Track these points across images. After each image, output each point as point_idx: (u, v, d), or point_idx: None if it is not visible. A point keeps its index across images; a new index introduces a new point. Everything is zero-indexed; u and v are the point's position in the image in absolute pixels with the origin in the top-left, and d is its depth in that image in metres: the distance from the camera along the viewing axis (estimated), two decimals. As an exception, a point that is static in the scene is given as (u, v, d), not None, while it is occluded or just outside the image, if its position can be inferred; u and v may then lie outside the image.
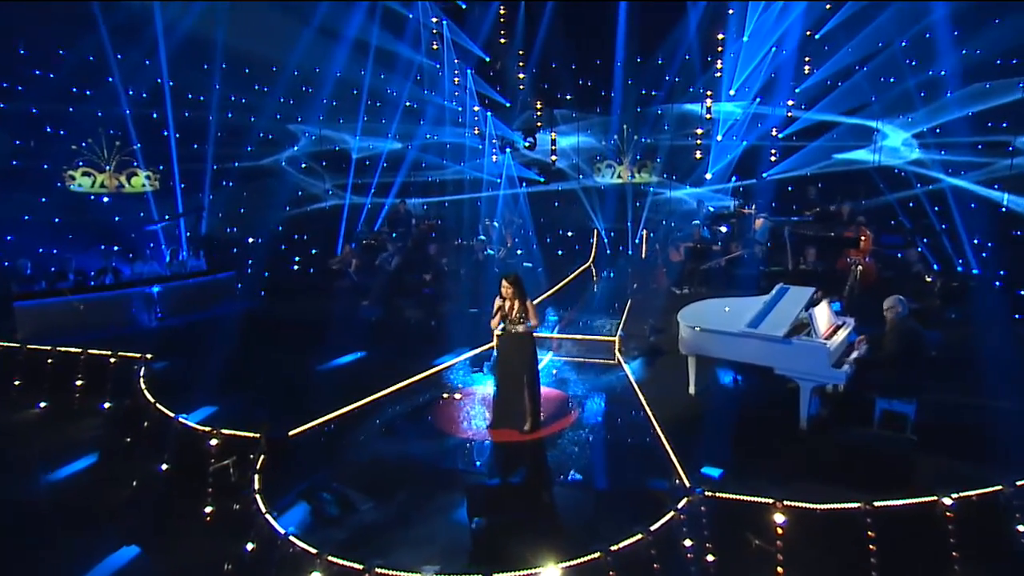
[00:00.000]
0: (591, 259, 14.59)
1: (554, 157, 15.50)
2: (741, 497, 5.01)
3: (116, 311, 10.13)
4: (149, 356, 8.24)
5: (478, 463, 6.29)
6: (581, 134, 15.74)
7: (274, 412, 6.77)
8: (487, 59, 14.52)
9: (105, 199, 13.39)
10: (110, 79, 12.61)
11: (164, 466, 6.23)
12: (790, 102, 13.44)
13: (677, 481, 5.43)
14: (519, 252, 12.81)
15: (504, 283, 6.39)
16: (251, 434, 6.20)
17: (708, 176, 14.32)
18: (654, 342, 8.99)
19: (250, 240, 14.62)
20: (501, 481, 5.98)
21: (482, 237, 11.04)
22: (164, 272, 11.19)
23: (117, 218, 13.28)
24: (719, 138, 14.31)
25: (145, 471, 6.26)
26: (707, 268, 10.40)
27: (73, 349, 8.34)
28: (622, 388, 7.80)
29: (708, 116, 13.85)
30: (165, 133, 13.58)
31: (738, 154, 14.05)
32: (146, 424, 6.89)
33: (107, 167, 13.30)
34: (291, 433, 6.45)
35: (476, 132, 15.12)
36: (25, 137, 12.27)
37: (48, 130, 12.50)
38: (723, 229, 11.48)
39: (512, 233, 12.88)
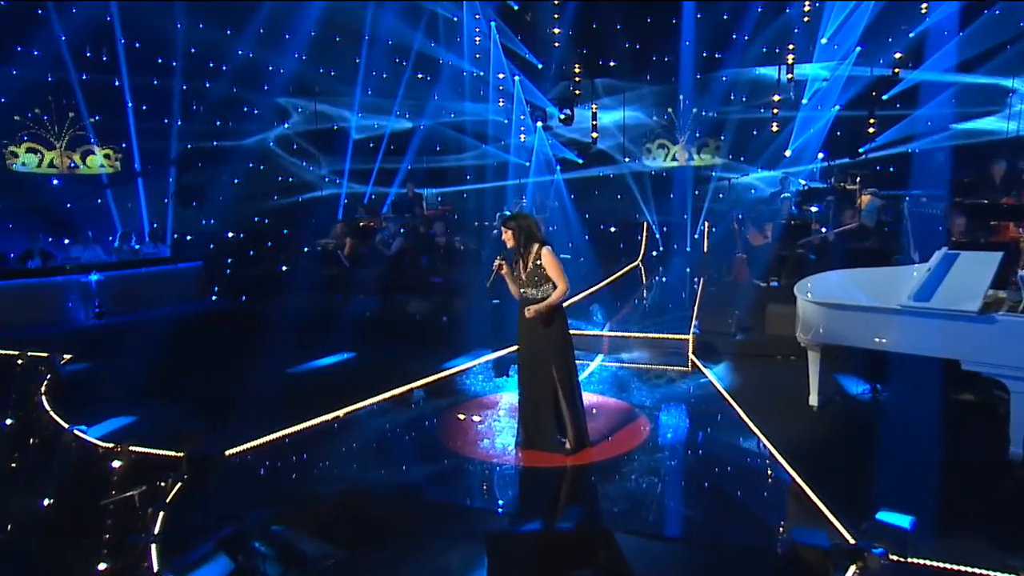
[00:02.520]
0: (640, 257, 12.98)
1: (595, 135, 13.94)
2: (958, 568, 3.17)
3: (43, 304, 8.78)
4: (67, 357, 7.11)
5: (502, 500, 4.51)
6: (628, 108, 14.20)
7: (214, 424, 5.49)
8: (515, 6, 13.10)
9: (55, 181, 12.18)
10: (62, 37, 11.50)
11: (47, 500, 4.63)
12: (897, 55, 11.66)
13: (834, 535, 3.60)
14: (552, 228, 11.21)
15: (504, 230, 4.75)
16: (171, 453, 4.63)
17: (788, 154, 12.56)
18: (741, 342, 7.25)
19: (229, 235, 13.27)
20: (539, 526, 4.17)
21: (507, 212, 9.45)
22: (108, 258, 9.79)
23: (68, 205, 12.08)
24: (804, 101, 12.58)
25: (26, 507, 4.65)
26: (802, 252, 8.58)
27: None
28: (706, 399, 6.14)
29: (790, 77, 12.16)
30: (131, 104, 12.43)
31: (827, 126, 12.30)
32: (36, 441, 5.38)
33: (58, 143, 12.11)
34: (228, 452, 4.81)
35: (501, 104, 13.64)
36: None
37: (-12, 97, 11.37)
38: (814, 209, 9.68)
39: (545, 220, 11.28)
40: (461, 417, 5.78)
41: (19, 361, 6.87)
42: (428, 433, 5.48)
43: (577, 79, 13.45)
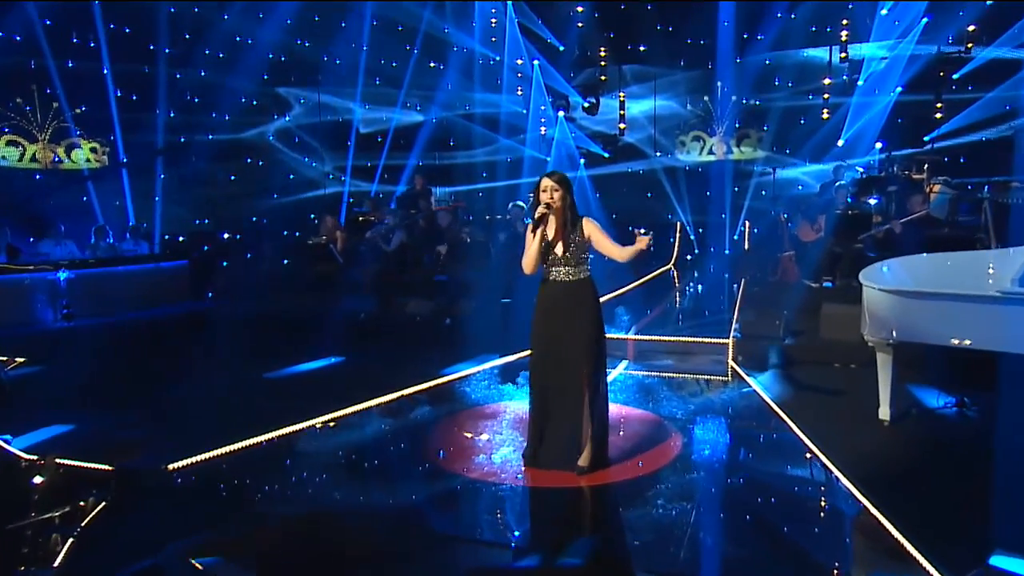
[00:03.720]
0: (672, 260, 12.28)
1: (622, 126, 13.30)
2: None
3: (7, 304, 8.32)
4: (19, 360, 6.86)
5: (497, 527, 3.81)
6: (659, 96, 13.55)
7: (164, 434, 4.95)
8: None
9: (37, 176, 11.90)
10: (47, 21, 11.27)
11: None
12: (971, 28, 10.79)
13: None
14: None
15: (544, 183, 4.06)
16: (102, 466, 4.14)
17: (840, 143, 11.76)
18: (791, 347, 6.51)
19: (226, 236, 12.87)
20: (539, 561, 3.46)
21: (520, 203, 8.82)
22: (80, 255, 9.38)
23: (52, 202, 11.78)
24: (860, 83, 11.78)
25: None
26: (861, 247, 7.78)
27: None
28: (751, 411, 5.44)
29: (844, 56, 11.38)
30: (119, 94, 12.16)
31: (885, 112, 11.49)
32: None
33: (40, 136, 11.84)
34: (171, 466, 4.20)
35: (520, 93, 13.09)
36: None
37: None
38: (873, 201, 8.87)
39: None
40: (455, 429, 5.12)
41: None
42: (414, 447, 4.82)
43: (603, 64, 12.84)
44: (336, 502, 3.98)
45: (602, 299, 4.36)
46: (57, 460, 4.31)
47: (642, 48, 13.41)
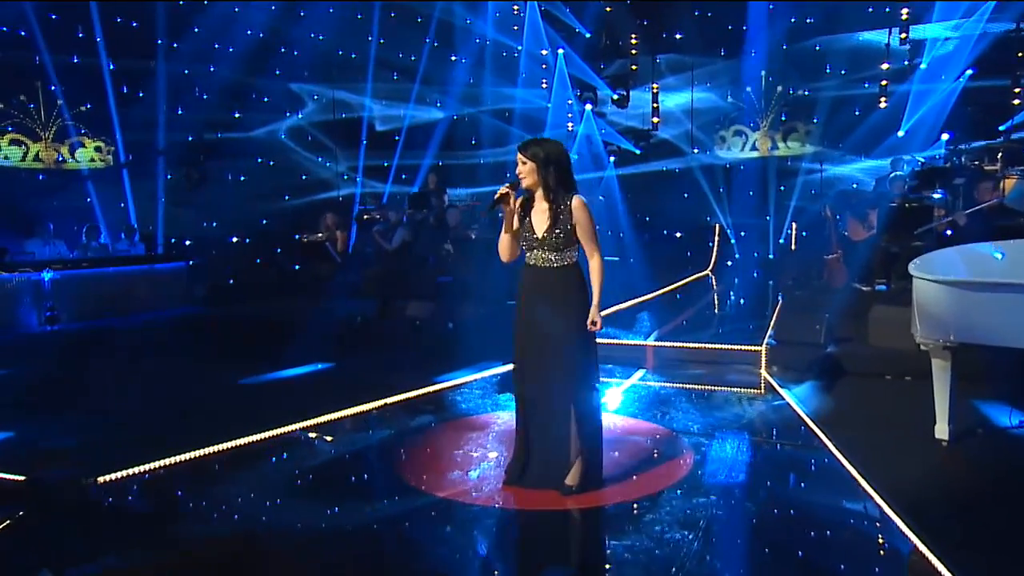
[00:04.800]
0: (711, 265, 11.70)
1: (655, 120, 12.78)
2: None
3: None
4: None
5: (465, 554, 3.36)
6: (697, 88, 13.02)
7: (107, 443, 4.62)
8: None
9: (40, 176, 12.00)
10: (53, 16, 11.40)
11: None
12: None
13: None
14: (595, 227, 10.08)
15: (520, 160, 3.62)
16: (14, 476, 3.94)
17: (900, 135, 11.02)
18: (834, 356, 5.93)
19: (234, 239, 12.81)
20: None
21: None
22: (69, 255, 9.32)
23: (55, 203, 11.85)
24: (923, 66, 11.04)
25: None
26: (920, 244, 7.11)
27: None
28: (782, 427, 4.94)
29: (904, 37, 10.68)
30: (125, 90, 12.22)
31: (951, 99, 10.73)
32: None
33: (44, 134, 11.94)
34: (100, 479, 3.88)
35: (544, 86, 12.72)
36: None
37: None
38: (937, 195, 8.17)
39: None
40: (435, 442, 4.71)
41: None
42: (381, 462, 4.40)
43: (634, 53, 12.38)
44: (272, 524, 3.58)
45: (627, 304, 3.90)
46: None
47: (678, 36, 12.90)
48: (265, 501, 3.85)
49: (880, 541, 3.32)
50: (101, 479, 3.95)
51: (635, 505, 3.64)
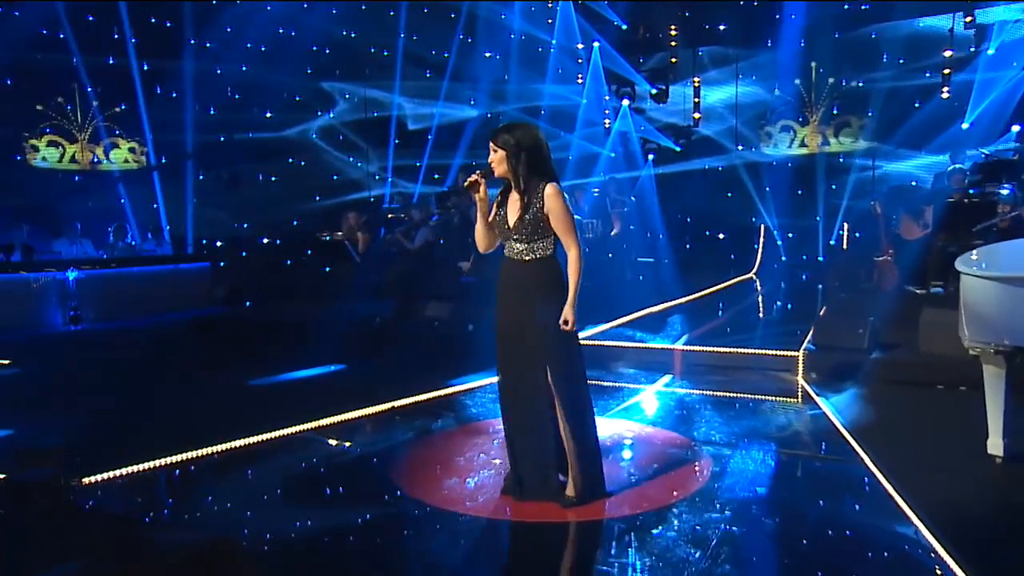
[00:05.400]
0: (755, 268, 11.31)
1: (696, 116, 12.44)
2: None
3: (12, 304, 8.47)
4: (3, 361, 6.83)
5: (453, 569, 3.18)
6: (742, 82, 12.64)
7: (99, 444, 4.60)
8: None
9: (76, 178, 12.34)
10: (90, 17, 11.72)
11: None
12: None
13: None
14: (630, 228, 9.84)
15: (492, 148, 3.44)
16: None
17: (965, 127, 10.45)
18: (879, 363, 5.59)
19: (265, 240, 12.94)
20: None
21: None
22: (94, 254, 9.51)
23: (90, 203, 12.17)
24: (990, 51, 10.45)
25: None
26: (981, 242, 6.66)
27: None
28: (816, 438, 4.68)
29: (969, 19, 10.13)
30: (159, 90, 12.49)
31: (1021, 88, 10.13)
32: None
33: (80, 136, 12.28)
34: (85, 481, 3.88)
35: (580, 81, 12.51)
36: None
37: (9, 83, 11.67)
38: (1004, 191, 7.66)
39: (621, 215, 9.92)
40: (436, 448, 4.58)
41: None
42: (376, 468, 4.25)
43: (673, 44, 12.08)
44: (251, 529, 3.47)
45: (660, 307, 3.70)
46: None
47: (721, 27, 12.55)
48: (250, 504, 3.74)
49: (917, 571, 3.01)
50: (86, 480, 3.91)
51: (640, 519, 3.41)
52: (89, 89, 12.12)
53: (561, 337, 3.44)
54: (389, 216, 10.04)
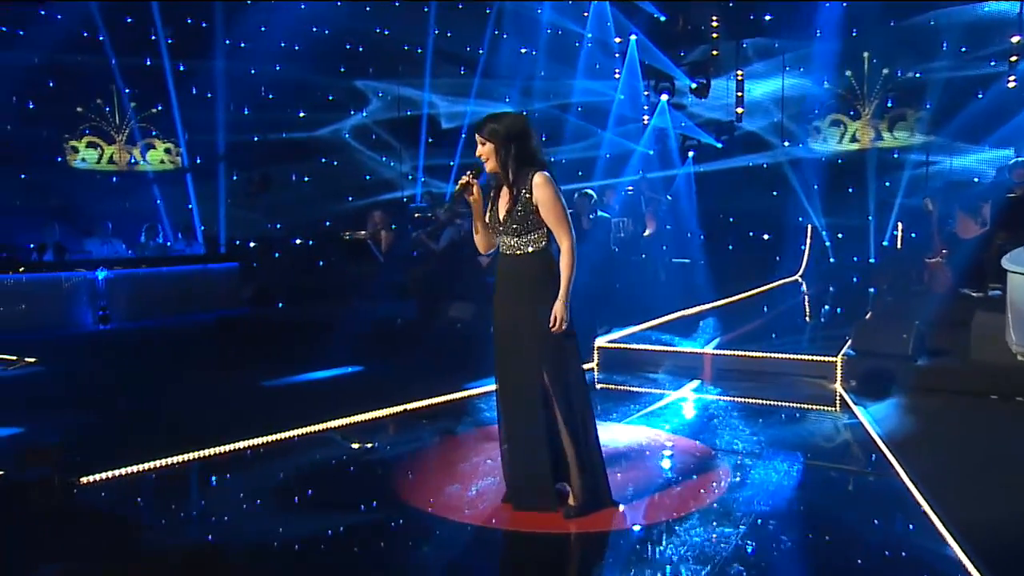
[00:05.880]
0: (801, 270, 10.97)
1: (739, 111, 12.13)
2: None
3: (43, 303, 8.70)
4: (28, 360, 6.96)
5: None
6: (788, 74, 12.26)
7: (103, 443, 4.62)
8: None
9: (114, 179, 12.68)
10: (129, 20, 12.05)
11: None
12: None
13: None
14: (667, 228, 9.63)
15: (479, 141, 3.34)
16: None
17: (1031, 119, 9.93)
18: (924, 371, 5.30)
19: (297, 241, 13.09)
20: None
21: (588, 191, 8.03)
22: (125, 254, 9.73)
23: (127, 204, 12.49)
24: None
25: None
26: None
27: None
28: (850, 451, 4.49)
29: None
30: (194, 91, 12.74)
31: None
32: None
33: (118, 137, 12.61)
34: (83, 480, 3.91)
35: (617, 75, 12.32)
36: (23, 95, 11.85)
37: (51, 85, 12.06)
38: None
39: (656, 214, 9.70)
40: (442, 453, 4.49)
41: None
42: (379, 473, 4.16)
43: (715, 36, 11.80)
44: (243, 533, 3.43)
45: (694, 310, 3.57)
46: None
47: (767, 17, 12.20)
48: (243, 508, 3.71)
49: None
50: (84, 480, 3.92)
51: (645, 531, 3.26)
52: (126, 91, 12.48)
53: (557, 338, 3.31)
54: (416, 216, 10.01)
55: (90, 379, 6.50)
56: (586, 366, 6.45)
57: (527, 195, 3.29)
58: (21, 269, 8.81)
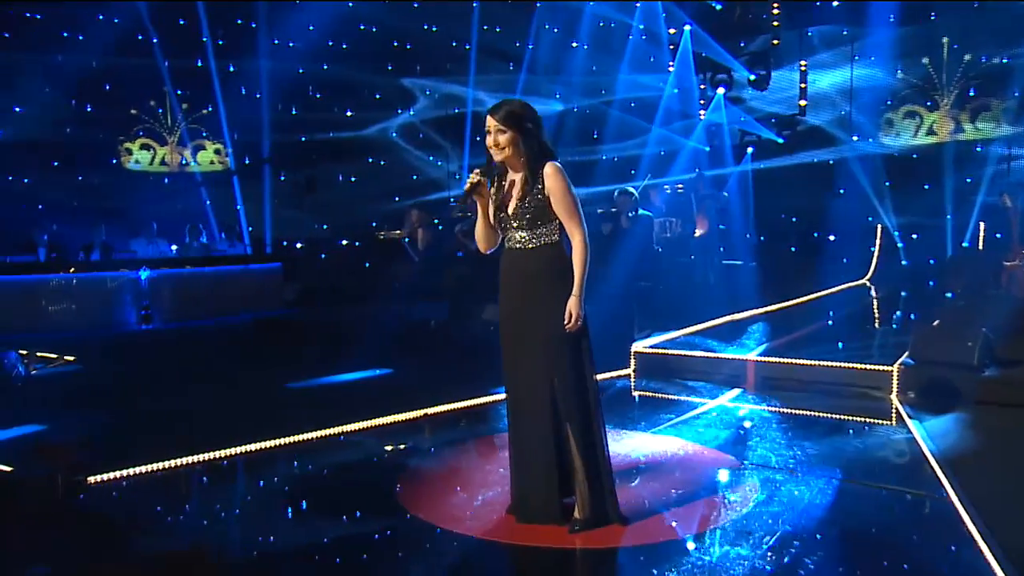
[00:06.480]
0: (869, 273, 10.51)
1: (803, 103, 11.69)
2: None
3: (90, 302, 9.02)
4: (68, 359, 7.16)
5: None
6: (858, 64, 11.76)
7: (120, 444, 4.67)
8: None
9: (165, 180, 13.13)
10: (182, 21, 12.44)
11: None
12: None
13: None
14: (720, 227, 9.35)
15: (488, 123, 3.20)
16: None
17: None
18: (991, 383, 4.93)
19: (344, 242, 13.29)
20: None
21: (630, 189, 7.83)
22: (169, 254, 10.02)
23: (178, 205, 12.90)
24: None
25: None
26: None
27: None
28: (900, 469, 4.18)
29: None
30: (243, 91, 13.07)
31: None
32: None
33: (170, 138, 13.05)
34: (91, 479, 3.98)
35: (672, 68, 12.04)
36: (80, 98, 12.37)
37: (107, 88, 12.55)
38: None
39: (708, 214, 9.41)
40: (453, 459, 4.41)
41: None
42: (385, 480, 4.10)
43: (776, 24, 11.41)
44: (241, 538, 3.44)
45: (750, 313, 3.44)
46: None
47: (834, 3, 11.72)
48: (247, 512, 3.73)
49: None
50: (92, 479, 3.99)
51: (654, 550, 3.09)
52: (178, 92, 12.90)
53: (569, 342, 3.18)
54: (456, 215, 10.00)
55: (121, 379, 6.65)
56: (622, 372, 6.33)
57: (539, 186, 3.18)
58: (72, 269, 9.20)
